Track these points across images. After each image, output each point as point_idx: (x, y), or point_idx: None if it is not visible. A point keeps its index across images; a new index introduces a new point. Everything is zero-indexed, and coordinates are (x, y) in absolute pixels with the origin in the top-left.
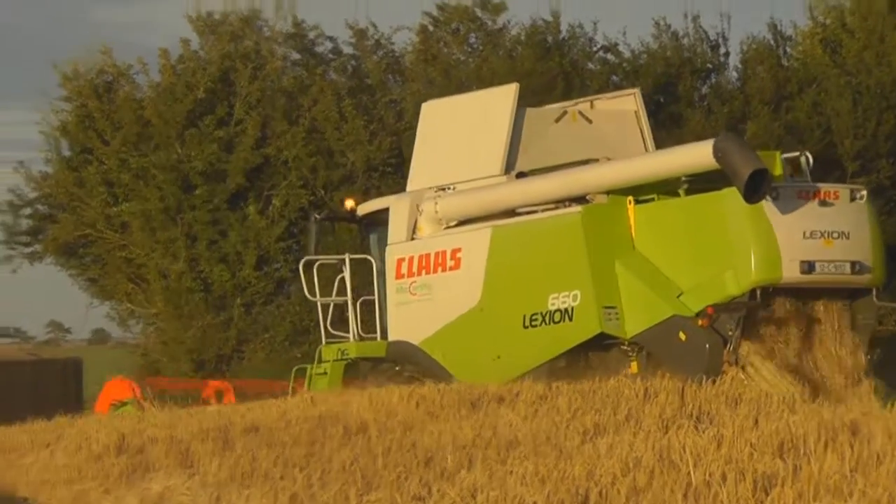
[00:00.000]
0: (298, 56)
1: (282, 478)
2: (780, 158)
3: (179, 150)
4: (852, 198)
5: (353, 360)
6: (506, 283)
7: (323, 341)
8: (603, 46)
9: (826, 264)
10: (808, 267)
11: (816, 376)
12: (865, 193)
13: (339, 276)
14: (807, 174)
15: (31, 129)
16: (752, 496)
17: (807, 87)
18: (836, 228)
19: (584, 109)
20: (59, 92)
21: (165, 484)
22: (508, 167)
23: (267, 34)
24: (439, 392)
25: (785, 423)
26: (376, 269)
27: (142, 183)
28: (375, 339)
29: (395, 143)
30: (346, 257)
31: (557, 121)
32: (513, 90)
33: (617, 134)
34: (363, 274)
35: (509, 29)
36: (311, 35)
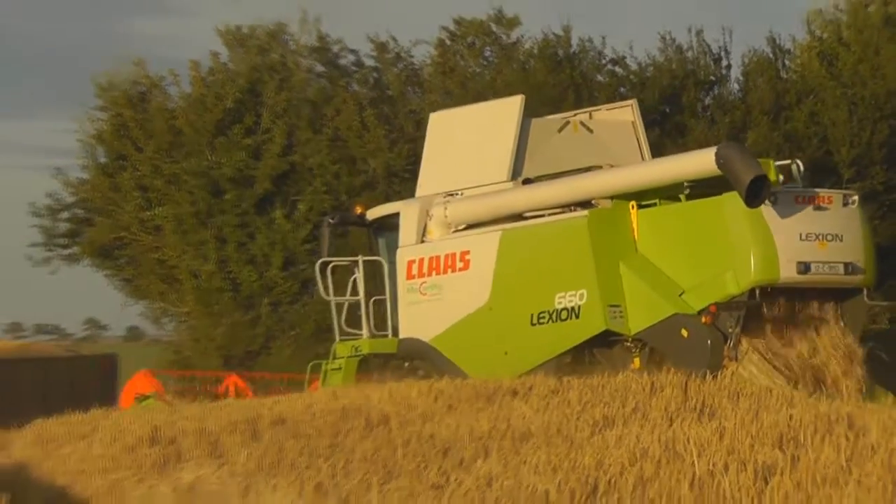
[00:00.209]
0: (322, 68)
1: (307, 467)
2: (774, 166)
3: (209, 157)
4: (845, 203)
5: (365, 357)
6: (514, 282)
7: (337, 338)
8: (611, 59)
9: (821, 265)
10: (804, 268)
11: (812, 371)
12: (857, 198)
13: (353, 276)
14: (798, 180)
15: (69, 138)
16: (753, 485)
17: (805, 98)
18: (829, 231)
19: (584, 120)
20: (96, 102)
21: (196, 473)
22: (515, 174)
23: (292, 47)
24: (456, 387)
25: (784, 416)
26: (386, 271)
27: (174, 188)
28: (387, 337)
29: (414, 151)
30: (360, 259)
31: (560, 130)
32: (518, 101)
33: (615, 142)
34: (375, 275)
35: (522, 43)
36: (335, 48)
